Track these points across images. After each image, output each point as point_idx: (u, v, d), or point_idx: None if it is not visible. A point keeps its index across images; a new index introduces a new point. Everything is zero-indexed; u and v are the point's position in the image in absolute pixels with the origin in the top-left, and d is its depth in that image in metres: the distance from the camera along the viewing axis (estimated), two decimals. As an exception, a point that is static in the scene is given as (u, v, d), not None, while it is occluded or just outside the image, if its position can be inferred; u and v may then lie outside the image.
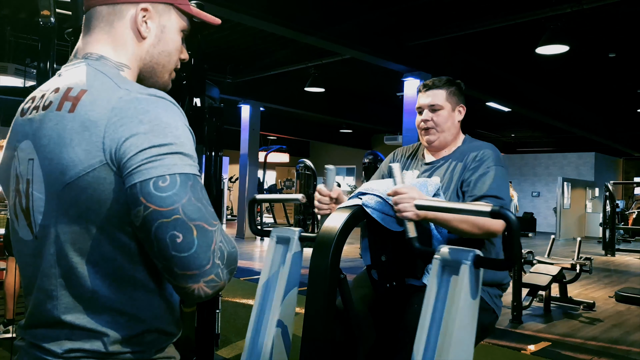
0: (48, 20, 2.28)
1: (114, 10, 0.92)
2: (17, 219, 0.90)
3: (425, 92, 1.84)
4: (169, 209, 0.77)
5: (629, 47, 7.99)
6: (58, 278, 0.84)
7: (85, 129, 0.79)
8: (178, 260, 0.77)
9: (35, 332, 0.88)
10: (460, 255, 1.24)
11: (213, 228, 0.81)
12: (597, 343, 4.40)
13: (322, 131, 17.20)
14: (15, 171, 0.89)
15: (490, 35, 7.52)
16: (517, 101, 10.67)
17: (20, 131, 0.89)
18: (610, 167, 18.71)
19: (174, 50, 0.98)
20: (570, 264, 5.68)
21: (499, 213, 1.18)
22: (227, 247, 0.84)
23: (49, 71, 2.29)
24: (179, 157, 0.79)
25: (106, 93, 0.82)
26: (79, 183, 0.79)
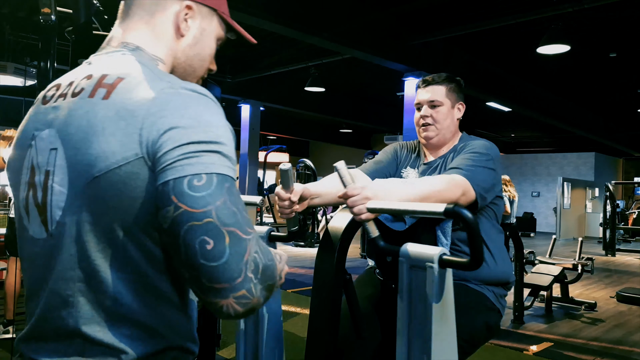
0: (49, 18, 2.26)
1: (157, 1, 0.88)
2: (27, 215, 0.81)
3: (424, 87, 1.80)
4: (202, 211, 0.69)
5: (629, 47, 7.98)
6: (77, 282, 0.75)
7: (120, 118, 0.73)
8: (207, 269, 0.68)
9: (39, 346, 0.79)
10: (426, 255, 1.17)
11: (248, 236, 0.71)
12: (599, 343, 4.38)
13: (322, 131, 17.18)
14: (30, 162, 0.81)
15: (491, 35, 7.50)
16: (517, 101, 10.66)
17: (41, 119, 0.82)
18: (611, 167, 18.71)
19: (208, 56, 0.96)
20: (572, 264, 5.67)
21: (453, 212, 1.09)
22: (263, 259, 0.73)
23: (50, 70, 2.27)
24: (218, 157, 0.72)
25: (146, 83, 0.76)
26: (110, 177, 0.72)
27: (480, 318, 1.58)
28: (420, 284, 1.18)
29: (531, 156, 18.62)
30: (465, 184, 1.48)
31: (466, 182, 1.49)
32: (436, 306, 1.15)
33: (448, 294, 1.17)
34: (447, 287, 1.16)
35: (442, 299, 1.16)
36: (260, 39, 7.91)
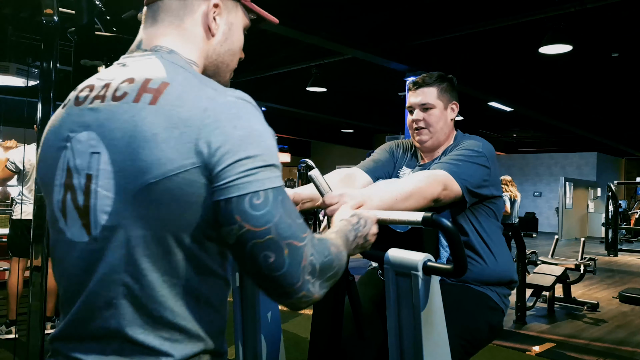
0: (51, 19, 2.26)
1: (185, 5, 0.89)
2: (64, 218, 0.81)
3: (415, 90, 1.74)
4: (263, 229, 0.74)
5: (632, 47, 7.96)
6: (121, 285, 0.76)
7: (174, 127, 0.74)
8: (271, 279, 0.75)
9: (75, 345, 0.80)
10: (410, 262, 1.14)
11: (302, 243, 0.77)
12: (602, 344, 4.38)
13: (323, 131, 17.18)
14: (66, 164, 0.81)
15: (493, 35, 7.49)
16: (519, 101, 10.65)
17: (76, 121, 0.81)
18: (613, 167, 18.68)
19: (238, 49, 0.97)
20: (574, 265, 5.66)
21: (431, 221, 1.07)
22: (319, 258, 0.80)
23: (52, 71, 2.27)
24: (270, 170, 0.76)
25: (193, 90, 0.78)
26: (166, 184, 0.73)
27: (483, 319, 1.58)
28: (407, 291, 1.16)
29: (533, 156, 18.59)
30: (446, 179, 1.45)
31: (447, 176, 1.46)
32: (424, 313, 1.13)
33: (434, 300, 1.15)
34: (432, 293, 1.14)
35: (427, 305, 1.13)
36: (261, 39, 7.91)
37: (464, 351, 1.52)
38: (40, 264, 2.26)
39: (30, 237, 2.24)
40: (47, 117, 2.27)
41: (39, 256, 2.24)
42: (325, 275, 0.81)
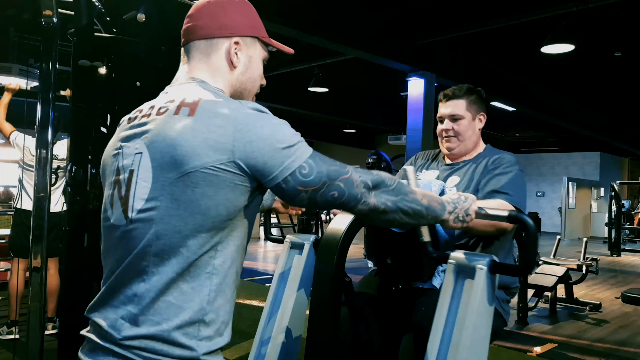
0: (50, 20, 2.26)
1: (211, 44, 1.09)
2: (111, 207, 1.02)
3: (445, 102, 1.84)
4: (321, 183, 0.97)
5: (634, 46, 7.93)
6: (153, 256, 0.94)
7: (210, 131, 0.92)
8: (342, 204, 1.01)
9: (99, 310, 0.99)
10: (476, 260, 1.21)
11: (349, 174, 1.00)
12: (604, 345, 4.36)
13: (325, 131, 17.17)
14: (116, 166, 1.02)
15: (495, 35, 7.47)
16: (522, 101, 10.62)
17: (127, 134, 1.03)
18: (616, 167, 18.62)
19: (258, 76, 1.16)
20: (577, 265, 5.64)
21: (517, 218, 1.18)
22: (367, 177, 1.03)
23: (52, 72, 2.27)
24: (299, 146, 0.97)
25: (223, 102, 0.97)
26: (204, 172, 0.91)
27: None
28: (466, 288, 1.23)
29: (536, 156, 18.54)
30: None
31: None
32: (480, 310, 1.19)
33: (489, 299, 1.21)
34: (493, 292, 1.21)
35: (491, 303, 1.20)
36: (263, 39, 7.89)
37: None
38: (39, 264, 2.26)
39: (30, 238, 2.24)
40: (47, 117, 2.27)
41: (38, 257, 2.24)
42: (381, 188, 1.04)
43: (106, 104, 2.54)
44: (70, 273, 2.42)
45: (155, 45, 2.67)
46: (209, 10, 1.10)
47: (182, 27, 1.13)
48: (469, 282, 1.22)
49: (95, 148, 2.53)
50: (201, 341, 0.95)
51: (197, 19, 1.10)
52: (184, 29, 1.12)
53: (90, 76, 2.47)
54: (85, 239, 2.50)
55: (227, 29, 1.09)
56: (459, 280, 1.25)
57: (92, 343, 0.99)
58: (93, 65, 2.48)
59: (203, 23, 1.09)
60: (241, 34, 1.11)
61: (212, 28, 1.09)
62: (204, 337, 0.95)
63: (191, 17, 1.11)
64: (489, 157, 1.75)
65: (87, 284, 2.49)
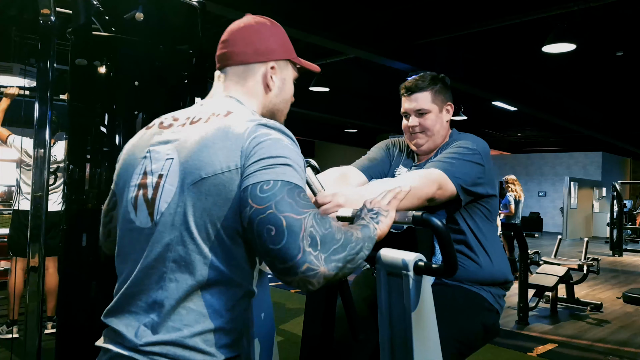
0: (48, 19, 2.26)
1: (248, 69, 1.12)
2: (135, 210, 1.01)
3: (408, 96, 1.70)
4: (265, 206, 0.87)
5: (636, 46, 7.90)
6: (171, 262, 0.94)
7: (227, 139, 0.95)
8: (275, 253, 0.85)
9: (117, 316, 0.98)
10: (401, 262, 1.13)
11: (301, 217, 0.87)
12: (604, 345, 4.34)
13: (327, 131, 17.16)
14: (143, 169, 1.03)
15: (496, 34, 7.46)
16: (524, 100, 10.59)
17: (158, 139, 1.04)
18: (618, 167, 18.58)
19: (290, 97, 1.21)
20: (577, 265, 5.63)
21: (421, 220, 1.08)
22: (320, 230, 0.88)
23: (49, 70, 2.27)
24: (286, 168, 0.92)
25: (246, 117, 1.00)
26: (214, 180, 0.92)
27: (477, 319, 1.56)
28: (398, 291, 1.15)
29: (538, 156, 18.50)
30: (441, 178, 1.45)
31: (442, 175, 1.45)
32: (415, 313, 1.12)
33: (426, 300, 1.13)
34: (424, 293, 1.13)
35: (418, 306, 1.12)
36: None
37: (458, 352, 1.50)
38: (37, 264, 2.26)
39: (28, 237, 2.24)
40: (45, 116, 2.27)
41: (35, 256, 2.24)
42: (330, 248, 0.88)
43: (104, 103, 2.53)
44: (68, 272, 2.42)
45: (154, 44, 2.67)
46: (244, 36, 1.13)
47: (217, 52, 1.16)
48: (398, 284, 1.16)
49: (93, 147, 2.53)
50: (221, 348, 0.95)
51: (233, 45, 1.13)
52: (219, 54, 1.15)
53: (88, 75, 2.47)
54: (84, 238, 2.50)
55: (263, 55, 1.13)
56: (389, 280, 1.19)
57: (110, 353, 0.98)
58: (91, 65, 2.48)
59: (239, 49, 1.12)
60: (276, 58, 1.14)
61: (248, 54, 1.12)
62: (223, 344, 0.95)
63: (226, 43, 1.14)
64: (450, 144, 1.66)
65: (85, 283, 2.49)
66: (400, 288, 1.15)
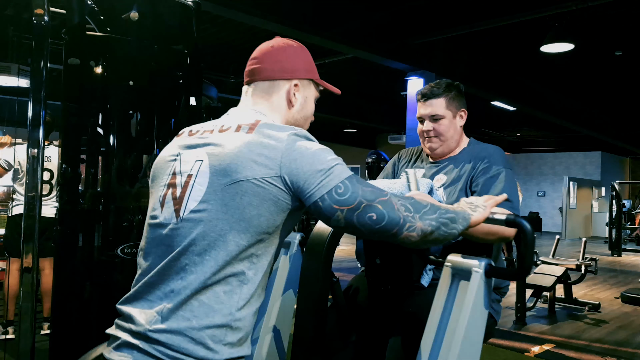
0: (42, 18, 2.25)
1: (273, 84, 1.21)
2: (161, 207, 1.09)
3: (424, 102, 1.79)
4: (357, 203, 1.00)
5: (635, 46, 7.89)
6: (195, 255, 1.00)
7: (264, 147, 1.03)
8: (383, 229, 1.01)
9: (133, 304, 1.04)
10: (472, 264, 1.21)
11: (387, 197, 1.03)
12: (602, 345, 4.34)
13: (325, 130, 17.15)
14: (172, 170, 1.11)
15: (495, 34, 7.44)
16: (522, 100, 10.59)
17: (186, 143, 1.13)
18: (617, 167, 18.57)
19: (310, 114, 1.30)
20: (575, 265, 5.62)
21: (514, 222, 1.17)
22: (405, 201, 1.05)
23: (43, 70, 2.26)
24: (337, 167, 1.03)
25: (277, 127, 1.08)
26: (253, 183, 1.00)
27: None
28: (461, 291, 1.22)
29: (537, 155, 18.50)
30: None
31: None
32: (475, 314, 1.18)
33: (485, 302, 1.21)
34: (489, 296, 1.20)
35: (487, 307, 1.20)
36: (262, 38, 7.88)
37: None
38: (30, 264, 2.25)
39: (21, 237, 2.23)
40: (38, 116, 2.26)
41: (29, 256, 2.23)
42: (421, 210, 1.05)
43: (98, 103, 2.53)
44: (61, 273, 2.41)
45: (149, 44, 2.66)
46: (273, 55, 1.23)
47: (247, 67, 1.25)
48: (464, 285, 1.22)
49: (88, 147, 2.53)
50: (225, 346, 0.99)
51: (262, 62, 1.22)
52: (248, 69, 1.25)
53: (82, 75, 2.46)
54: (80, 238, 2.49)
55: (288, 73, 1.22)
56: (454, 283, 1.25)
57: (118, 340, 1.03)
58: (85, 64, 2.47)
59: (267, 66, 1.22)
60: (300, 77, 1.24)
61: (274, 71, 1.21)
62: (228, 342, 1.00)
63: (256, 60, 1.23)
64: (477, 155, 1.71)
65: (79, 284, 2.48)
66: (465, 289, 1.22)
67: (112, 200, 2.52)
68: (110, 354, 1.02)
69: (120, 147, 2.51)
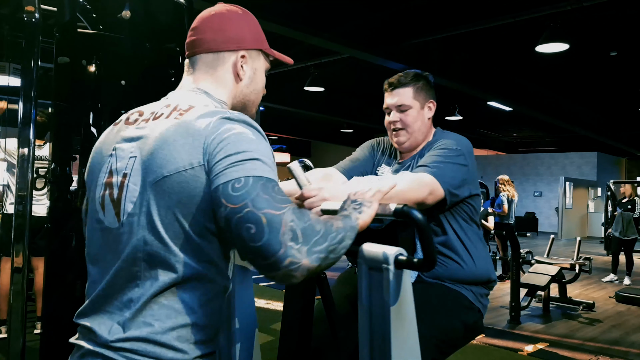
0: (32, 16, 2.24)
1: (218, 57, 1.09)
2: (103, 210, 1.00)
3: (391, 91, 1.72)
4: (241, 205, 0.85)
5: (630, 46, 7.92)
6: (143, 261, 0.93)
7: (189, 135, 0.93)
8: (257, 250, 0.83)
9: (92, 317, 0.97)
10: (382, 256, 1.12)
11: (280, 212, 0.85)
12: (595, 344, 4.35)
13: (323, 131, 17.15)
14: (109, 167, 1.01)
15: (490, 34, 7.46)
16: (518, 100, 10.61)
17: (123, 135, 1.02)
18: (613, 167, 18.62)
19: (261, 88, 1.18)
20: (570, 264, 5.63)
21: (402, 212, 1.08)
22: (300, 224, 0.86)
23: (34, 69, 2.25)
24: (255, 163, 0.90)
25: (209, 112, 0.96)
26: (177, 178, 0.91)
27: (457, 318, 1.55)
28: (378, 286, 1.14)
29: (533, 156, 18.54)
30: (432, 183, 1.45)
31: (433, 180, 1.46)
32: (394, 309, 1.11)
33: (406, 295, 1.12)
34: (404, 288, 1.12)
35: (398, 301, 1.11)
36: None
37: (439, 350, 1.49)
38: (21, 264, 2.24)
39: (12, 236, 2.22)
40: (29, 115, 2.25)
41: (19, 255, 2.22)
42: (311, 240, 0.86)
43: (89, 102, 2.52)
44: (52, 271, 2.40)
45: (141, 43, 2.65)
46: (215, 24, 1.09)
47: (187, 39, 1.12)
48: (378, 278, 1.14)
49: (81, 146, 2.52)
50: (193, 344, 0.93)
51: (203, 32, 1.09)
52: (188, 41, 1.11)
53: (73, 74, 2.45)
54: (73, 238, 2.48)
55: (234, 43, 1.10)
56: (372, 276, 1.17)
57: (82, 349, 0.97)
58: (77, 63, 2.46)
59: (209, 37, 1.09)
60: (247, 47, 1.12)
61: (218, 42, 1.09)
62: (197, 340, 0.94)
63: (196, 30, 1.10)
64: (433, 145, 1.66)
65: (71, 283, 2.47)
66: (380, 282, 1.14)
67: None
68: None
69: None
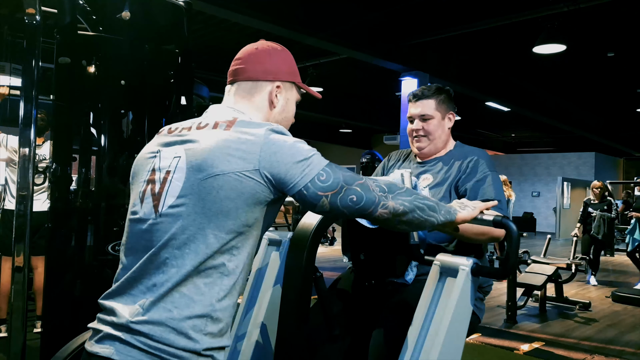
0: (33, 17, 2.26)
1: (256, 85, 1.25)
2: (141, 203, 1.12)
3: (415, 102, 1.89)
4: (339, 187, 1.08)
5: (627, 46, 7.95)
6: (175, 249, 1.04)
7: (242, 142, 1.06)
8: (360, 207, 1.10)
9: (116, 299, 1.07)
10: (459, 263, 1.27)
11: (363, 180, 1.11)
12: (590, 343, 4.38)
13: (321, 131, 17.17)
14: (152, 166, 1.14)
15: (487, 35, 7.49)
16: (516, 101, 10.64)
17: (166, 141, 1.16)
18: (611, 167, 18.66)
19: (291, 116, 1.33)
20: (566, 264, 5.66)
21: (501, 223, 1.23)
22: (380, 183, 1.14)
23: (34, 70, 2.27)
24: (315, 157, 1.09)
25: (254, 124, 1.11)
26: (226, 178, 1.04)
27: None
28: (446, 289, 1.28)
29: (531, 156, 18.57)
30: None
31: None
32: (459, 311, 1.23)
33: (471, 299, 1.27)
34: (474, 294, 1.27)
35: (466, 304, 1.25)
36: (257, 39, 7.89)
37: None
38: (22, 263, 2.26)
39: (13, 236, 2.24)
40: (30, 115, 2.27)
41: (20, 255, 2.25)
42: (395, 191, 1.15)
43: (90, 102, 2.55)
44: (53, 271, 2.43)
45: (140, 44, 2.68)
46: (256, 56, 1.26)
47: (231, 67, 1.28)
48: (450, 282, 1.28)
49: (80, 146, 2.54)
50: (206, 336, 1.03)
51: (245, 62, 1.26)
52: (231, 69, 1.28)
53: (74, 74, 2.48)
54: (73, 237, 2.51)
55: (271, 74, 1.25)
56: (441, 280, 1.31)
57: (100, 333, 1.05)
58: (77, 64, 2.49)
59: (250, 67, 1.25)
60: (282, 79, 1.27)
61: (258, 72, 1.25)
62: (209, 332, 1.03)
63: (239, 61, 1.27)
64: (462, 158, 1.78)
65: (71, 282, 2.50)
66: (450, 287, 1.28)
67: (104, 198, 2.54)
68: (92, 347, 1.04)
69: (112, 146, 2.53)
